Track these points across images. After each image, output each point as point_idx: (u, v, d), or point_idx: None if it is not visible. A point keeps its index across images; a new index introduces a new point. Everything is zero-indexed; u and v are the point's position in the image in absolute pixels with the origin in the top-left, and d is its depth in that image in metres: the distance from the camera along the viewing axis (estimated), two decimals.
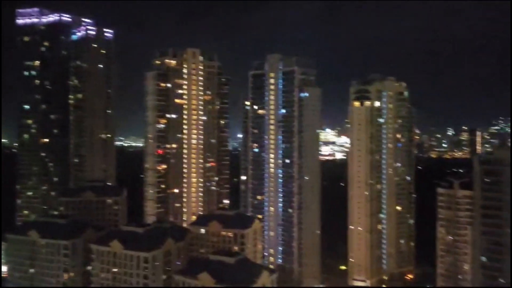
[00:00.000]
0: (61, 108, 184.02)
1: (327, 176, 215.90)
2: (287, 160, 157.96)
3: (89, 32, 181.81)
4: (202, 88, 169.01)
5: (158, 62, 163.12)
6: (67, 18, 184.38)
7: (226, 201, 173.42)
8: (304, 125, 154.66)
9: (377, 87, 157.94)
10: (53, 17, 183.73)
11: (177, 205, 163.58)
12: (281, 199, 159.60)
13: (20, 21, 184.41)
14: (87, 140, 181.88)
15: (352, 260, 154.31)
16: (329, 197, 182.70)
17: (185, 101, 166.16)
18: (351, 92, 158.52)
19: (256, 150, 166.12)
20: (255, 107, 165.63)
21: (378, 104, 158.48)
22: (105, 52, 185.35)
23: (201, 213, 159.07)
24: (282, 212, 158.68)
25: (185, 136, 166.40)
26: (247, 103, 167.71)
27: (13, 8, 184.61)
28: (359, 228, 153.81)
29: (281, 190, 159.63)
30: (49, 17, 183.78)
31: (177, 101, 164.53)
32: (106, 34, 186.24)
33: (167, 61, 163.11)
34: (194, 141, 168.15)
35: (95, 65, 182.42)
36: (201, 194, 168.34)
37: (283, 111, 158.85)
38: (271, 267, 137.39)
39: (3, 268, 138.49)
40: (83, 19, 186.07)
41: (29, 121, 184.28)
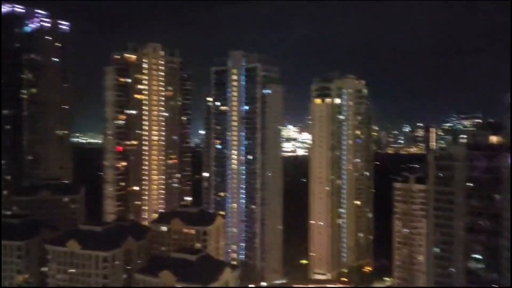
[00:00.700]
0: (14, 103, 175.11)
1: (289, 172, 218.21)
2: (250, 157, 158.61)
3: (43, 24, 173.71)
4: (163, 84, 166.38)
5: (117, 57, 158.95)
6: (20, 9, 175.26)
7: (188, 198, 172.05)
8: (266, 122, 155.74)
9: (337, 85, 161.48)
10: (5, 8, 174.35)
11: (138, 203, 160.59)
12: (243, 196, 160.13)
13: None
14: (42, 137, 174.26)
15: (313, 254, 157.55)
16: (291, 193, 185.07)
17: (146, 97, 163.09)
18: (312, 90, 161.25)
19: (219, 146, 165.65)
20: (218, 103, 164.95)
21: (339, 101, 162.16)
22: (60, 45, 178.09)
23: (163, 210, 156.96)
24: (245, 208, 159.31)
25: (145, 133, 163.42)
26: (210, 99, 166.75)
27: None
28: (320, 223, 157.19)
29: (243, 186, 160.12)
30: (1, 8, 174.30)
31: (137, 96, 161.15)
32: (61, 26, 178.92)
33: (126, 55, 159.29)
34: (155, 138, 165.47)
35: (49, 58, 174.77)
36: (163, 192, 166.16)
37: (246, 107, 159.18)
38: (233, 263, 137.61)
39: None
40: (37, 11, 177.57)
41: None
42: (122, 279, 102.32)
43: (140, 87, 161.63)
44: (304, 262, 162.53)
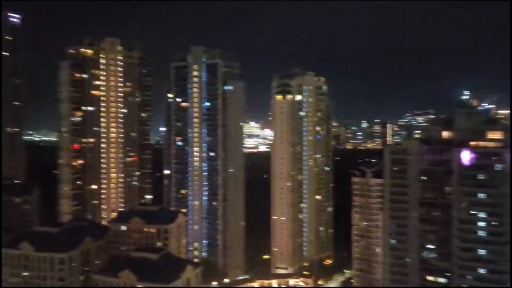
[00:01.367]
0: None
1: (251, 168, 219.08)
2: (212, 153, 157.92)
3: None
4: (121, 80, 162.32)
5: (72, 52, 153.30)
6: None
7: (149, 196, 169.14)
8: (228, 118, 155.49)
9: (298, 81, 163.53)
10: None
11: (96, 202, 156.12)
12: (205, 193, 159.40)
13: None
14: None
15: (275, 249, 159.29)
16: (253, 189, 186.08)
17: (103, 93, 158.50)
18: (274, 86, 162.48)
19: (180, 143, 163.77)
20: (178, 99, 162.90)
21: (299, 97, 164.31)
22: (11, 38, 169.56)
23: (122, 209, 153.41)
24: (207, 206, 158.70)
25: (103, 130, 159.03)
26: (170, 95, 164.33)
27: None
28: (282, 218, 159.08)
29: (205, 183, 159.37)
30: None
31: (94, 92, 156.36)
32: (11, 19, 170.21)
33: (82, 50, 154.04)
34: (113, 135, 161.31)
35: None
36: (122, 190, 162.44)
37: (207, 104, 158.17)
38: (195, 261, 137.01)
39: None
40: None
41: None
42: (80, 281, 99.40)
43: (97, 83, 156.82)
44: (267, 257, 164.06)
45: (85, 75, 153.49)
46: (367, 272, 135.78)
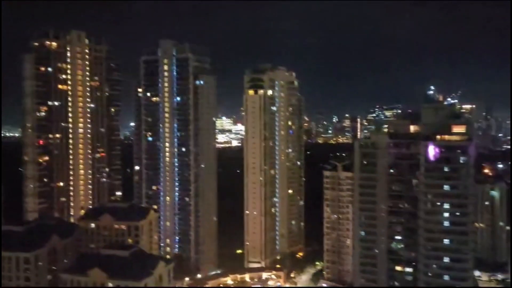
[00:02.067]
0: None
1: (223, 163, 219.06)
2: (183, 149, 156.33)
3: None
4: (88, 74, 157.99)
5: (37, 44, 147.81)
6: None
7: (119, 193, 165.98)
8: (199, 113, 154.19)
9: (270, 76, 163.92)
10: None
11: (64, 199, 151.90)
12: (177, 188, 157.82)
13: None
14: None
15: (248, 244, 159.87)
16: (226, 184, 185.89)
17: (70, 87, 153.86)
18: (245, 81, 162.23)
19: (150, 138, 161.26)
20: (148, 94, 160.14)
21: (271, 92, 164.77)
22: None
23: (91, 206, 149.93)
24: (179, 201, 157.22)
25: (70, 125, 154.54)
26: (140, 90, 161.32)
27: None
28: (254, 213, 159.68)
29: (177, 179, 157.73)
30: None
31: (60, 87, 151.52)
32: None
33: (47, 43, 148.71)
34: (81, 130, 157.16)
35: None
36: (90, 187, 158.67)
37: (178, 98, 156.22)
38: (167, 257, 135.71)
39: None
40: None
41: None
42: (47, 280, 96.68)
43: (63, 76, 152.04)
44: (239, 252, 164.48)
45: (50, 69, 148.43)
46: (338, 263, 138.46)
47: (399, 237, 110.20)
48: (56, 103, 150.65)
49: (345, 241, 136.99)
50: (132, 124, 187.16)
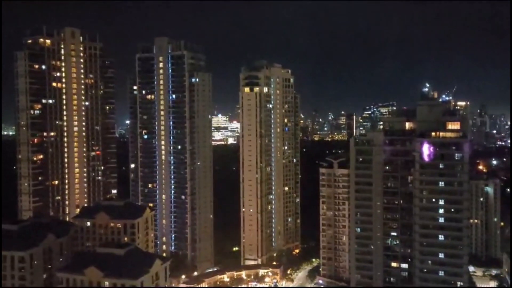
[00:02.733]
0: None
1: (219, 161, 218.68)
2: (179, 146, 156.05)
3: None
4: (83, 71, 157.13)
5: (30, 41, 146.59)
6: None
7: (114, 191, 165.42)
8: (195, 111, 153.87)
9: (265, 74, 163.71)
10: None
11: (59, 198, 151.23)
12: (173, 186, 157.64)
13: None
14: None
15: (244, 241, 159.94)
16: (222, 181, 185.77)
17: (64, 85, 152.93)
18: (241, 78, 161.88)
19: (146, 136, 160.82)
20: (144, 92, 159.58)
21: (267, 90, 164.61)
22: None
23: (86, 205, 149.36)
24: (175, 199, 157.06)
25: (65, 123, 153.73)
26: (135, 87, 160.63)
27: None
28: (251, 210, 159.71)
29: (173, 176, 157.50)
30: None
31: (54, 84, 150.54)
32: None
33: (41, 40, 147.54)
34: (76, 128, 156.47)
35: None
36: (86, 185, 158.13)
37: (174, 96, 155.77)
38: (163, 255, 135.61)
39: None
40: None
41: None
42: (42, 279, 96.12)
43: (57, 74, 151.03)
44: (236, 249, 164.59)
45: (44, 66, 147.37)
46: (334, 260, 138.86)
47: (395, 234, 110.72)
48: (50, 101, 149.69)
49: (341, 237, 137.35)
50: (127, 122, 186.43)
